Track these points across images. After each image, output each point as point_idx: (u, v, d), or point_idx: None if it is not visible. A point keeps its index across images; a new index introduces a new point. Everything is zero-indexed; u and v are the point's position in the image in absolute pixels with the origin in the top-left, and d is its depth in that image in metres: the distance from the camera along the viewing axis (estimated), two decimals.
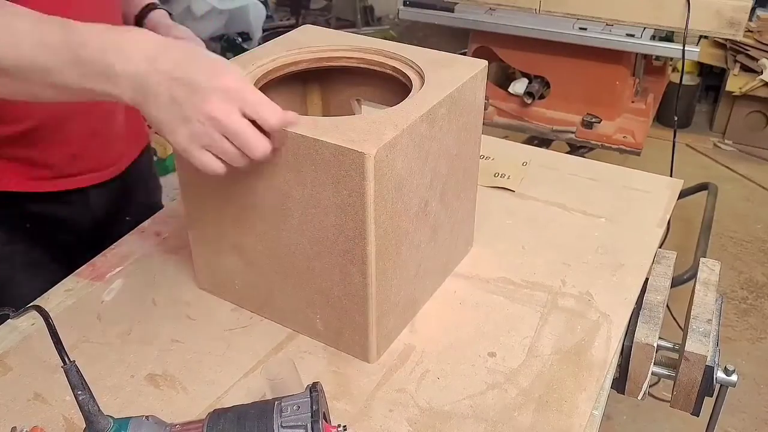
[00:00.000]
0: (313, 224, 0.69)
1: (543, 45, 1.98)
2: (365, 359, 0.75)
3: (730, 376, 0.81)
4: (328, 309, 0.74)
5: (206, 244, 0.80)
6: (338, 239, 0.68)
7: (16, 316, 0.56)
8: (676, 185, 1.09)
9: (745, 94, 2.99)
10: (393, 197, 0.67)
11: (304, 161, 0.65)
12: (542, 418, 0.69)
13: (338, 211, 0.66)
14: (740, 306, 2.23)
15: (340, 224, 0.67)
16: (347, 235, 0.67)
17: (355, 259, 0.68)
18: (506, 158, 1.13)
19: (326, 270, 0.71)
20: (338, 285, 0.72)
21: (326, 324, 0.76)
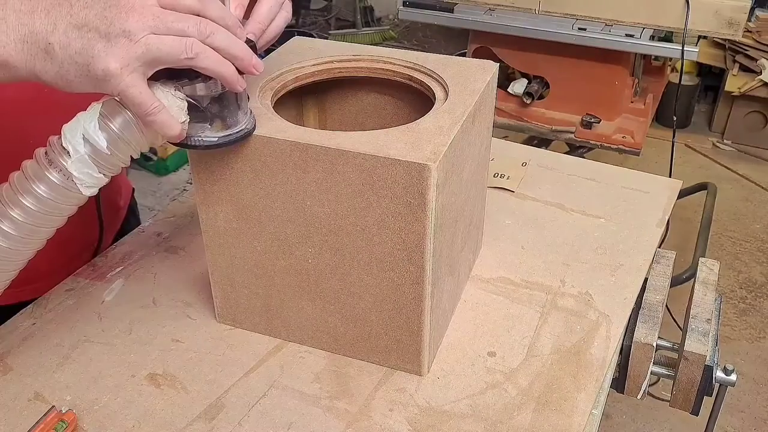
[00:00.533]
0: (368, 242, 0.66)
1: (542, 45, 1.98)
2: (418, 373, 0.74)
3: (729, 376, 0.81)
4: (381, 327, 0.72)
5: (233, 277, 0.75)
6: (396, 254, 0.66)
7: None
8: (675, 185, 1.09)
9: (744, 94, 2.99)
10: (442, 209, 0.65)
11: (360, 178, 0.62)
12: (542, 417, 0.69)
13: (397, 226, 0.64)
14: (739, 305, 2.24)
15: (399, 240, 0.64)
16: (407, 249, 0.65)
17: (413, 274, 0.66)
18: (506, 158, 1.13)
19: (381, 287, 0.69)
20: (391, 301, 0.69)
21: (377, 344, 0.74)
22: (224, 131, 0.59)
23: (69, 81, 0.50)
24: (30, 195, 0.54)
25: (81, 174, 0.54)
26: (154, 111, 0.52)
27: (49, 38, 0.48)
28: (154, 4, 0.49)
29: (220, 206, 0.70)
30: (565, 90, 2.04)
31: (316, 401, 0.71)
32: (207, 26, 0.51)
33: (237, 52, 0.54)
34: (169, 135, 0.54)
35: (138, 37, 0.48)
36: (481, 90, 0.72)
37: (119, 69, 0.48)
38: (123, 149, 0.55)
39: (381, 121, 0.86)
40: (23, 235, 0.56)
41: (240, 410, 0.70)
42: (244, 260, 0.73)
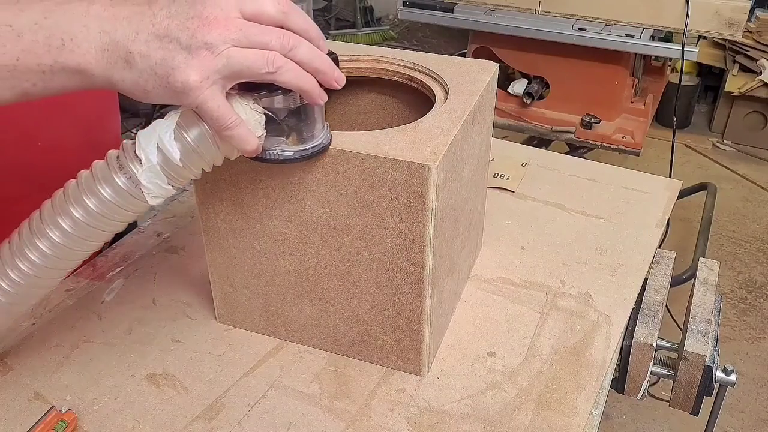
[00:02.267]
0: (368, 242, 0.66)
1: (542, 45, 1.98)
2: (417, 373, 0.74)
3: (729, 376, 0.81)
4: (381, 327, 0.72)
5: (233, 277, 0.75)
6: (396, 254, 0.66)
7: None
8: (675, 186, 1.09)
9: (744, 94, 2.99)
10: (442, 209, 0.65)
11: (360, 178, 0.62)
12: (542, 417, 0.69)
13: (396, 226, 0.64)
14: (739, 306, 2.24)
15: (399, 240, 0.64)
16: (407, 249, 0.65)
17: (413, 273, 0.66)
18: (505, 159, 1.13)
19: (381, 287, 0.69)
20: (391, 301, 0.69)
21: (377, 344, 0.74)
22: (300, 145, 0.58)
23: (147, 91, 0.49)
24: (94, 196, 0.53)
25: (150, 183, 0.53)
26: (232, 125, 0.50)
27: (130, 47, 0.47)
28: (238, 16, 0.48)
29: (220, 206, 0.70)
30: (565, 90, 2.04)
31: (316, 401, 0.71)
32: (290, 39, 0.50)
33: (319, 65, 0.52)
34: (245, 150, 0.53)
35: (219, 50, 0.47)
36: (480, 90, 0.72)
37: (199, 82, 0.47)
38: (196, 162, 0.53)
39: (381, 121, 0.86)
40: (80, 235, 0.55)
41: (240, 410, 0.70)
42: (243, 260, 0.73)
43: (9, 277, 0.58)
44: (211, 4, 0.47)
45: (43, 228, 0.55)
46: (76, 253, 0.57)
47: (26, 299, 0.61)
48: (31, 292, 0.60)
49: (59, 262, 0.57)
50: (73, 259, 0.58)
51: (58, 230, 0.55)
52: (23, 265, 0.57)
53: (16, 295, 0.59)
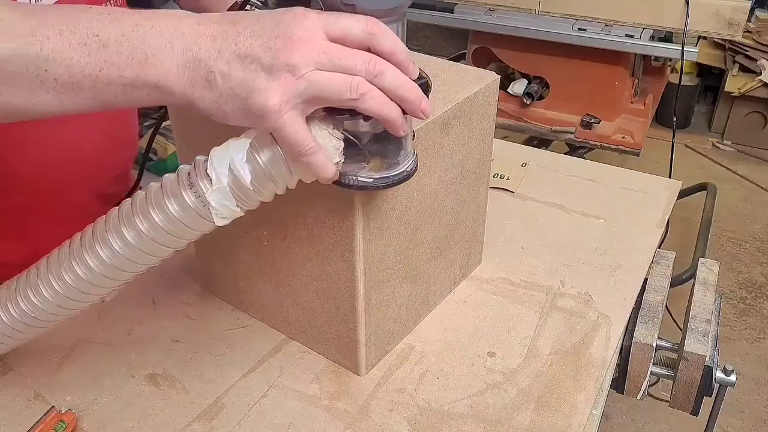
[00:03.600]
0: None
1: (542, 46, 1.98)
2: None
3: (729, 376, 0.81)
4: (463, 247, 0.78)
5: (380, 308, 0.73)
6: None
7: None
8: (674, 186, 1.09)
9: (744, 94, 2.99)
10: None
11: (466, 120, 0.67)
12: (541, 417, 0.69)
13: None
14: (739, 306, 2.24)
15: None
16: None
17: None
18: (505, 159, 1.13)
19: (467, 208, 0.77)
20: (472, 215, 0.78)
21: (461, 263, 0.81)
22: (382, 172, 0.54)
23: (225, 112, 0.47)
24: (161, 210, 0.52)
25: (218, 204, 0.51)
26: (310, 152, 0.48)
27: (211, 66, 0.46)
28: (323, 37, 0.46)
29: None
30: (565, 90, 2.04)
31: (316, 401, 0.71)
32: (376, 65, 0.47)
33: (405, 93, 0.48)
34: (322, 177, 0.50)
35: (302, 73, 0.45)
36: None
37: (278, 105, 0.45)
38: (267, 186, 0.51)
39: None
40: (142, 248, 0.54)
41: (240, 410, 0.70)
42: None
43: (63, 280, 0.58)
44: (296, 24, 0.46)
45: (105, 236, 0.55)
46: (132, 265, 0.56)
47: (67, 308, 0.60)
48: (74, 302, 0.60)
49: (115, 272, 0.57)
50: (127, 272, 0.57)
51: (120, 240, 0.54)
52: (79, 270, 0.56)
53: (64, 298, 0.58)
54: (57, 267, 0.58)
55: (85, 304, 0.61)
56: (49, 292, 0.59)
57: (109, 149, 0.87)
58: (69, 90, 0.47)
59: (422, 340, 0.79)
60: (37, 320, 0.61)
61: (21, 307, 0.61)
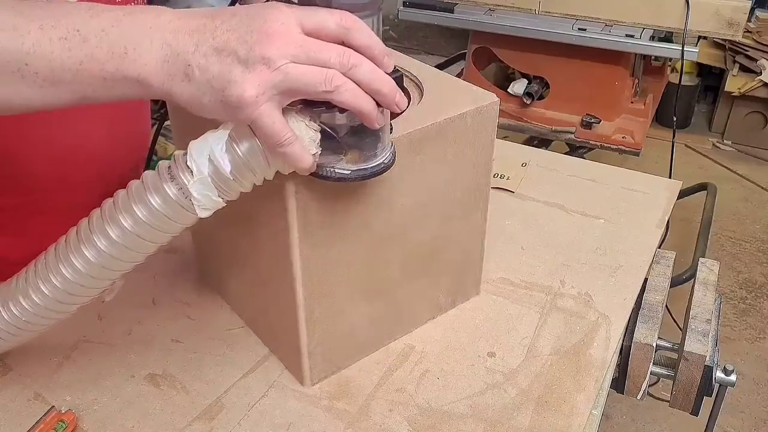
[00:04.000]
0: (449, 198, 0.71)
1: (542, 45, 1.98)
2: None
3: (729, 376, 0.81)
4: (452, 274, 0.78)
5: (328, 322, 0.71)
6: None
7: None
8: (674, 186, 1.09)
9: (744, 94, 2.99)
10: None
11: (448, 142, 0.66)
12: (541, 417, 0.69)
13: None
14: (739, 306, 2.24)
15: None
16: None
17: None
18: (506, 159, 1.13)
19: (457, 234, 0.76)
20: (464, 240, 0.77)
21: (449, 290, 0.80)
22: (359, 164, 0.55)
23: (202, 105, 0.48)
24: (143, 205, 0.53)
25: (200, 195, 0.52)
26: (286, 143, 0.49)
27: (189, 60, 0.47)
28: (298, 31, 0.47)
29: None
30: (565, 90, 2.04)
31: (316, 401, 0.71)
32: (350, 57, 0.48)
33: (380, 87, 0.49)
34: (298, 168, 0.52)
35: (277, 65, 0.46)
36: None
37: (254, 97, 0.46)
38: (246, 176, 0.52)
39: None
40: (126, 245, 0.55)
41: (240, 410, 0.70)
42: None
43: (51, 283, 0.58)
44: (271, 18, 0.47)
45: (90, 236, 0.55)
46: (118, 263, 0.57)
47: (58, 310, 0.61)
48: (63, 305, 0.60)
49: (101, 271, 0.57)
50: (114, 270, 0.58)
51: (105, 239, 0.55)
52: (66, 272, 0.57)
53: (53, 301, 0.59)
54: (44, 271, 0.58)
55: (74, 306, 0.61)
56: (39, 296, 0.59)
57: (116, 148, 0.87)
58: (49, 84, 0.48)
59: (422, 340, 0.79)
60: (29, 323, 0.62)
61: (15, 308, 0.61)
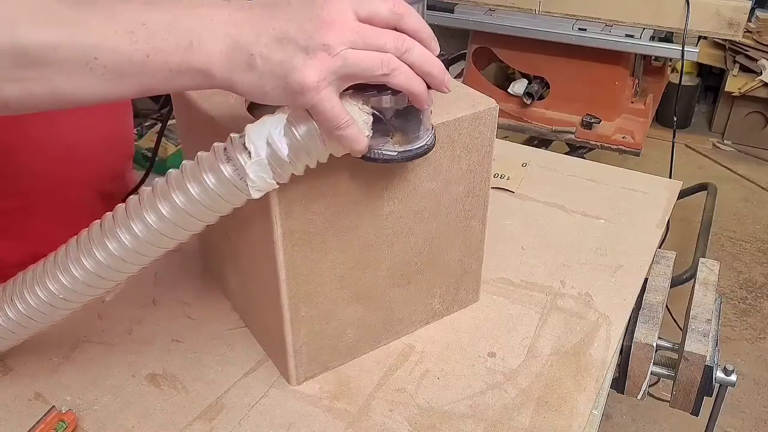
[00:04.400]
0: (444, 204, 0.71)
1: (542, 45, 1.98)
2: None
3: (729, 376, 0.81)
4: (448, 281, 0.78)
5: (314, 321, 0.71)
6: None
7: None
8: (675, 186, 1.09)
9: (744, 94, 2.99)
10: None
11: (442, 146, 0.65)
12: (542, 418, 0.69)
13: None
14: (739, 306, 2.24)
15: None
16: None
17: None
18: (506, 159, 1.13)
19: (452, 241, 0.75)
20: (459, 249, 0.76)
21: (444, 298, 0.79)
22: (404, 146, 0.58)
23: (265, 92, 0.50)
24: (197, 183, 0.54)
25: (256, 177, 0.53)
26: (345, 125, 0.51)
27: (251, 50, 0.48)
28: (353, 18, 0.49)
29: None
30: (566, 90, 2.04)
31: (316, 401, 0.71)
32: (404, 42, 0.50)
33: (430, 69, 0.52)
34: (354, 149, 0.53)
35: (336, 51, 0.48)
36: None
37: (316, 82, 0.48)
38: (302, 158, 0.54)
39: None
40: (176, 222, 0.55)
41: (240, 410, 0.70)
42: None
43: (95, 258, 0.58)
44: (327, 7, 0.48)
45: (140, 211, 0.56)
46: (163, 240, 0.57)
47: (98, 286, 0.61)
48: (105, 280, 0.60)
49: (147, 247, 0.57)
50: (159, 247, 0.58)
51: (155, 215, 0.55)
52: (111, 246, 0.57)
53: (94, 276, 0.59)
54: (88, 244, 0.58)
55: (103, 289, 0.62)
56: (78, 271, 0.59)
57: (108, 149, 0.88)
58: (116, 76, 0.48)
59: (422, 340, 0.79)
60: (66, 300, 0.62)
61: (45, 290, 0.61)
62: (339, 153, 0.56)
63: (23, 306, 0.62)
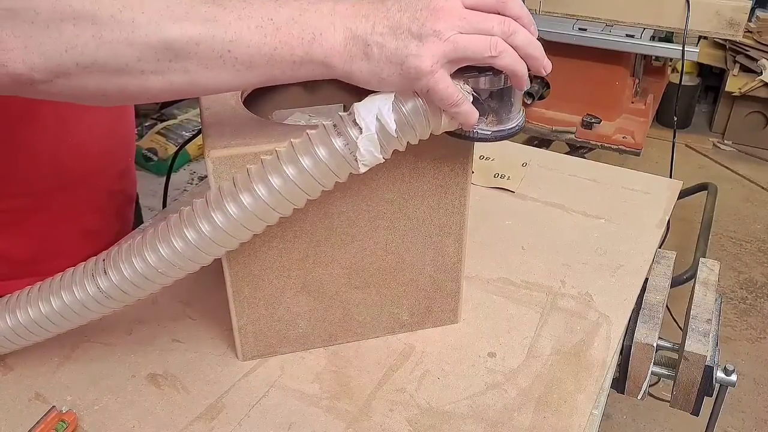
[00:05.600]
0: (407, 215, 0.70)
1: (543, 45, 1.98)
2: (454, 321, 0.80)
3: (729, 376, 0.81)
4: (417, 295, 0.77)
5: (260, 304, 0.73)
6: (435, 218, 0.71)
7: None
8: (675, 186, 1.09)
9: (745, 94, 2.99)
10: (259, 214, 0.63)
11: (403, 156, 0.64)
12: (542, 418, 0.69)
13: (438, 191, 0.69)
14: (740, 306, 2.24)
15: (438, 203, 0.70)
16: (445, 212, 0.71)
17: (454, 231, 0.73)
18: (506, 159, 1.13)
19: (420, 255, 0.74)
20: (430, 265, 0.75)
21: (413, 311, 0.78)
22: (497, 126, 0.61)
23: (381, 79, 0.54)
24: (309, 156, 0.56)
25: (365, 150, 0.56)
26: (459, 102, 0.55)
27: (368, 40, 0.52)
28: (460, 6, 0.53)
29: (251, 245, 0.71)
30: (566, 90, 2.04)
31: (316, 401, 0.71)
32: (510, 25, 0.54)
33: (533, 51, 0.55)
34: (468, 123, 0.58)
35: (447, 36, 0.52)
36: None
37: (431, 66, 0.52)
38: (408, 134, 0.57)
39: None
40: (285, 194, 0.57)
41: (240, 410, 0.70)
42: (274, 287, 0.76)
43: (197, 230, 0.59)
44: None
45: (249, 184, 0.57)
46: (270, 215, 0.59)
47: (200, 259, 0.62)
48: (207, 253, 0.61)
49: (252, 221, 0.58)
50: (263, 221, 0.59)
51: (265, 187, 0.57)
52: (217, 219, 0.58)
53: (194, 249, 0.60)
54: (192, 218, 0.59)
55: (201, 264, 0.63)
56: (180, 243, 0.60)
57: (112, 147, 0.89)
58: (246, 68, 0.53)
59: (422, 340, 0.79)
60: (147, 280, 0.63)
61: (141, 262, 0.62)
62: (438, 131, 0.59)
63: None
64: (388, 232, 0.72)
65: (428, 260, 0.76)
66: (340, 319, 0.76)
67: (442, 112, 0.57)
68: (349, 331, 0.78)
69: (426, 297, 0.78)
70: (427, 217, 0.72)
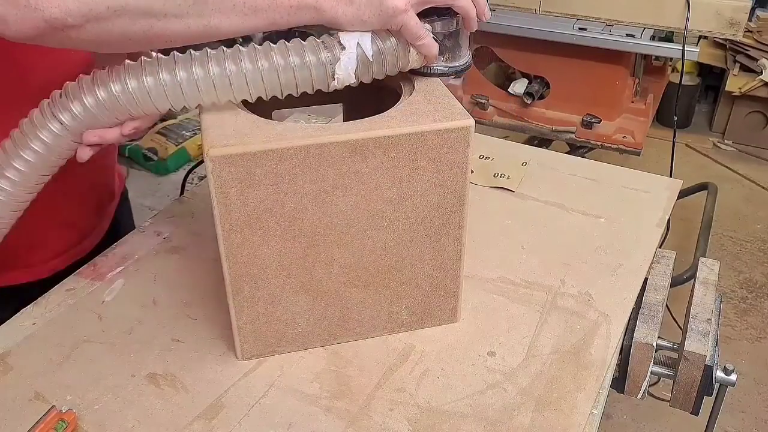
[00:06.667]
0: (407, 214, 0.71)
1: (543, 45, 1.98)
2: (453, 321, 0.81)
3: (729, 376, 0.81)
4: (416, 294, 0.78)
5: (259, 303, 0.72)
6: (435, 217, 0.72)
7: None
8: (675, 185, 1.09)
9: (745, 94, 2.99)
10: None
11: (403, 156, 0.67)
12: (541, 417, 0.69)
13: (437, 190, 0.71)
14: (739, 306, 2.24)
15: (438, 202, 0.71)
16: (444, 211, 0.72)
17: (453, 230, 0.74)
18: (506, 158, 1.13)
19: (419, 254, 0.75)
20: (429, 264, 0.76)
21: (412, 310, 0.78)
22: (452, 63, 0.74)
23: (363, 20, 0.64)
24: (299, 56, 0.64)
25: (345, 66, 0.66)
26: (424, 36, 0.67)
27: None
28: None
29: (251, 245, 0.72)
30: (566, 90, 2.04)
31: (316, 401, 0.71)
32: None
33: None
34: (431, 54, 0.69)
35: None
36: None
37: (404, 5, 0.64)
38: (380, 63, 0.67)
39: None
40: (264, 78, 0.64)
41: (240, 410, 0.70)
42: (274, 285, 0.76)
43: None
44: None
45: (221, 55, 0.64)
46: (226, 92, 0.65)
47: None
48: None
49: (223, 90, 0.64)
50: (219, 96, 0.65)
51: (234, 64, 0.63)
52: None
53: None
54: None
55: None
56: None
57: None
58: (252, 12, 0.62)
59: (422, 339, 0.79)
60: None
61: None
62: (407, 66, 0.70)
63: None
64: (387, 232, 0.72)
65: (427, 259, 0.76)
66: (340, 318, 0.76)
67: (409, 47, 0.68)
68: (348, 331, 0.78)
69: (425, 296, 0.78)
70: (426, 217, 0.72)
